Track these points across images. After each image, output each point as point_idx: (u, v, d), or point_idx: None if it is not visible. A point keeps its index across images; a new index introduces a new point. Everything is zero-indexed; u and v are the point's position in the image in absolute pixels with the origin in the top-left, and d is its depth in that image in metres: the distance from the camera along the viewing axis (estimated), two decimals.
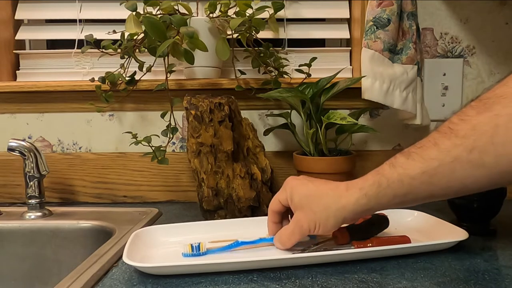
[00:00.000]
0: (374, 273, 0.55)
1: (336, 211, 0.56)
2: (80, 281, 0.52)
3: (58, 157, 0.96)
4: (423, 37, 0.94)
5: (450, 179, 0.50)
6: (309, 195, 0.58)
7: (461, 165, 0.48)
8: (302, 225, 0.58)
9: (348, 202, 0.55)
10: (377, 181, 0.54)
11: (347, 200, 0.55)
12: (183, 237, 0.68)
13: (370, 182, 0.55)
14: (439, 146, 0.50)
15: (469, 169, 0.48)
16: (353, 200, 0.55)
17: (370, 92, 0.84)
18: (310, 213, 0.57)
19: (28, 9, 1.01)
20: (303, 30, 1.00)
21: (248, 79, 0.91)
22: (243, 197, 0.76)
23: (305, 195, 0.58)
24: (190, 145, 0.78)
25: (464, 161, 0.48)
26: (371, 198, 0.54)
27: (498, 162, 0.47)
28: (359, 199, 0.55)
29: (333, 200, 0.56)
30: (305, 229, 0.58)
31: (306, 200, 0.58)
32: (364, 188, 0.55)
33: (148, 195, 0.95)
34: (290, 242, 0.60)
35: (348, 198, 0.56)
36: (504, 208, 0.71)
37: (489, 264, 0.57)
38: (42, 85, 0.93)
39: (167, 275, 0.55)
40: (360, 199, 0.55)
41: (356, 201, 0.55)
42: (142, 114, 0.96)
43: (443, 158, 0.49)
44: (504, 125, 0.45)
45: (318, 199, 0.57)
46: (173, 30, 0.82)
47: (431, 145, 0.51)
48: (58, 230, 0.80)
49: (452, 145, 0.49)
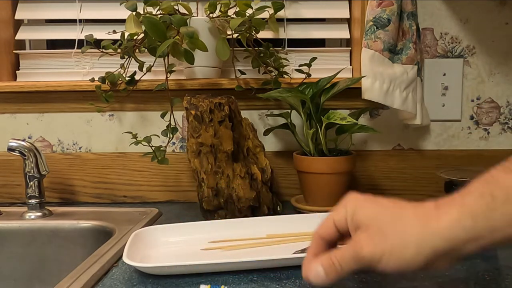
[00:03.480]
0: (374, 273, 0.55)
1: (420, 238, 0.37)
2: (80, 281, 0.52)
3: (58, 157, 0.96)
4: (423, 37, 0.94)
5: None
6: (381, 213, 0.40)
7: None
8: (361, 248, 0.39)
9: (441, 224, 0.37)
10: (489, 193, 0.36)
11: (439, 222, 0.37)
12: (183, 237, 0.68)
13: (476, 194, 0.37)
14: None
15: None
16: (450, 221, 0.37)
17: (370, 92, 0.84)
18: (378, 235, 0.39)
19: (28, 9, 1.01)
20: (303, 30, 1.00)
21: (248, 79, 0.91)
22: (243, 197, 0.76)
23: (374, 212, 0.41)
24: (190, 145, 0.78)
25: None
26: (480, 217, 0.36)
27: None
28: (461, 220, 0.37)
29: (416, 222, 0.38)
30: (365, 255, 0.39)
31: (375, 219, 0.40)
32: (466, 204, 0.37)
33: (148, 195, 0.95)
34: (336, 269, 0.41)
35: (442, 218, 0.37)
36: None
37: (489, 264, 0.57)
38: (42, 85, 0.93)
39: (167, 275, 0.55)
40: (462, 220, 0.37)
41: (457, 223, 0.37)
42: (142, 114, 0.96)
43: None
44: None
45: (394, 219, 0.39)
46: (173, 30, 0.82)
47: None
48: (58, 230, 0.80)
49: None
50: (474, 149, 0.95)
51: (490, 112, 0.95)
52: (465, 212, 0.37)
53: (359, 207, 0.42)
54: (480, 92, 0.95)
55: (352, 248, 0.40)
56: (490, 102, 0.95)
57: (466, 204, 0.37)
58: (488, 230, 0.36)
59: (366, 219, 0.41)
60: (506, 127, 0.95)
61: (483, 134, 0.96)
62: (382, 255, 0.38)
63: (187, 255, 0.63)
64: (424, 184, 0.94)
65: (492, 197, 0.36)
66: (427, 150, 0.96)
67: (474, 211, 0.36)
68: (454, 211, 0.37)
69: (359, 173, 0.94)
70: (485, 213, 0.36)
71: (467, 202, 0.37)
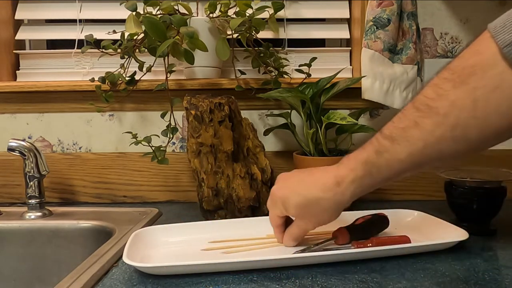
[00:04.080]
0: (374, 273, 0.55)
1: (335, 209, 0.58)
2: (80, 281, 0.52)
3: (58, 157, 0.96)
4: (423, 37, 0.94)
5: (437, 155, 0.50)
6: (304, 205, 0.58)
7: (446, 143, 0.48)
8: (304, 226, 0.61)
9: (344, 197, 0.56)
10: (368, 171, 0.54)
11: (343, 196, 0.56)
12: (183, 237, 0.68)
13: (361, 173, 0.55)
14: (421, 126, 0.49)
15: (454, 145, 0.48)
16: (350, 194, 0.56)
17: (370, 92, 0.84)
18: (312, 218, 0.59)
19: (28, 9, 1.01)
20: (303, 30, 1.00)
21: (248, 79, 0.91)
22: (243, 197, 0.76)
23: (299, 205, 0.58)
24: (190, 145, 0.78)
25: (449, 139, 0.48)
26: (365, 187, 0.56)
27: (482, 135, 0.47)
28: (355, 191, 0.56)
29: (329, 202, 0.57)
30: (309, 227, 0.61)
31: (303, 210, 0.59)
32: (356, 180, 0.55)
33: (148, 195, 0.95)
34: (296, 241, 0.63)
35: (344, 193, 0.56)
36: (504, 208, 0.71)
37: (489, 264, 0.57)
38: (42, 85, 0.93)
39: (167, 275, 0.55)
40: (355, 190, 0.56)
41: (353, 194, 0.56)
42: (142, 114, 0.96)
43: (427, 138, 0.49)
44: (483, 98, 0.45)
45: (315, 205, 0.58)
46: (173, 30, 0.82)
47: (412, 125, 0.50)
48: (58, 230, 0.80)
49: (434, 125, 0.48)
50: None
51: None
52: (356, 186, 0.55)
53: (286, 203, 0.59)
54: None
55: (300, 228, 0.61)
56: None
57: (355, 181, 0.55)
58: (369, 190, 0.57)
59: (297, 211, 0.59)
60: None
61: None
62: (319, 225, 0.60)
63: (187, 255, 0.63)
64: (424, 184, 0.94)
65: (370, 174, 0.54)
66: None
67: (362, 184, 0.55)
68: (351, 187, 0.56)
69: None
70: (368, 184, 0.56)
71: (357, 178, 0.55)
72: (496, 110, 0.45)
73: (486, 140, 0.48)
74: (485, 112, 0.45)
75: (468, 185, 0.71)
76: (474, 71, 0.45)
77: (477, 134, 0.47)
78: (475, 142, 0.48)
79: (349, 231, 0.63)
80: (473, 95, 0.45)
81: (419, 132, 0.49)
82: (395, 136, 0.52)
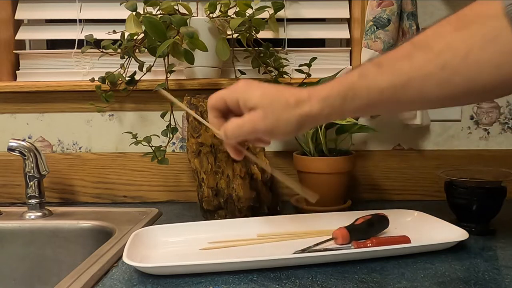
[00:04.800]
0: (374, 273, 0.55)
1: (298, 116, 0.52)
2: (80, 281, 0.52)
3: (58, 157, 0.96)
4: None
5: (417, 94, 0.49)
6: (270, 94, 0.53)
7: (430, 82, 0.48)
8: (256, 120, 0.53)
9: (312, 110, 0.52)
10: (344, 92, 0.51)
11: (311, 108, 0.52)
12: (183, 237, 0.68)
13: (336, 92, 0.51)
14: (413, 59, 0.48)
15: (437, 86, 0.48)
16: (317, 109, 0.52)
17: None
18: (269, 111, 0.52)
19: (28, 9, 1.01)
20: (303, 30, 1.00)
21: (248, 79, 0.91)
22: (243, 197, 0.76)
23: (265, 93, 0.53)
24: (190, 145, 0.78)
25: (434, 78, 0.47)
26: (336, 109, 0.52)
27: (467, 82, 0.47)
28: (324, 109, 0.52)
29: (296, 104, 0.52)
30: (259, 125, 0.53)
31: (266, 99, 0.53)
32: (329, 98, 0.52)
33: (148, 195, 0.95)
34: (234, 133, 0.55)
35: (312, 105, 0.52)
36: (504, 208, 0.71)
37: (489, 264, 0.57)
38: (42, 85, 0.93)
39: (167, 275, 0.55)
40: (325, 108, 0.52)
41: (320, 110, 0.52)
42: (142, 114, 0.96)
43: (414, 72, 0.48)
44: (478, 46, 0.45)
45: (280, 98, 0.52)
46: (173, 30, 0.82)
47: (404, 56, 0.49)
48: (58, 230, 0.80)
49: (425, 60, 0.47)
50: (474, 149, 0.95)
51: (490, 112, 0.95)
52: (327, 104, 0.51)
53: (250, 91, 0.54)
54: None
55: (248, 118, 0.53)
56: (490, 102, 0.95)
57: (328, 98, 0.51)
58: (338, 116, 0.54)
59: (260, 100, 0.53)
60: (506, 127, 0.95)
61: (483, 134, 0.96)
62: (272, 125, 0.52)
63: (187, 255, 0.63)
64: (424, 184, 0.94)
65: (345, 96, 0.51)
66: (427, 150, 0.96)
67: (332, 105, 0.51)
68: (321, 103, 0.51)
69: (359, 173, 0.94)
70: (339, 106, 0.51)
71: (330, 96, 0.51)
72: (488, 62, 0.45)
73: (468, 93, 0.48)
74: (476, 61, 0.45)
75: (468, 185, 0.71)
76: (476, 20, 0.46)
77: (462, 82, 0.47)
78: (458, 92, 0.48)
79: (349, 231, 0.63)
80: (470, 40, 0.45)
81: (408, 65, 0.48)
82: (384, 64, 0.50)
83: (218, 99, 0.57)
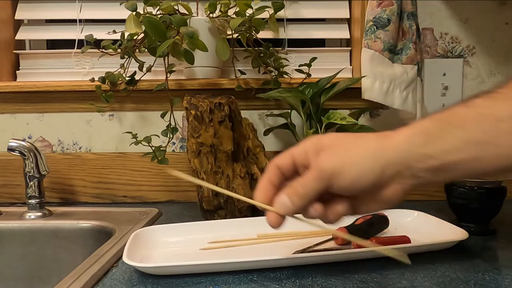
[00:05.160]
0: (374, 273, 0.55)
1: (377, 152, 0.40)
2: (80, 281, 0.52)
3: (58, 157, 0.96)
4: (423, 37, 0.94)
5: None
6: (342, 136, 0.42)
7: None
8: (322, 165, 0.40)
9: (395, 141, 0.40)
10: (444, 118, 0.39)
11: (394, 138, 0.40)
12: (183, 237, 0.68)
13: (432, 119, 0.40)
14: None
15: None
16: (404, 136, 0.40)
17: (370, 92, 0.84)
18: (340, 151, 0.41)
19: (28, 9, 1.01)
20: (303, 30, 1.00)
21: (248, 79, 0.91)
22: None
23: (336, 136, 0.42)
24: (190, 145, 0.78)
25: None
26: (433, 137, 0.38)
27: None
28: (413, 136, 0.39)
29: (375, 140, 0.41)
30: (326, 167, 0.40)
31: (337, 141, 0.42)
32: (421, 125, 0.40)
33: (148, 195, 0.95)
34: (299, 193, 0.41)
35: (397, 134, 0.40)
36: (504, 208, 0.71)
37: (489, 264, 0.57)
38: (42, 85, 0.93)
39: (167, 275, 0.55)
40: (415, 136, 0.39)
41: (408, 139, 0.39)
42: (142, 114, 0.96)
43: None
44: None
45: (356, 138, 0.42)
46: (173, 30, 0.82)
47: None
48: (58, 230, 0.80)
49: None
50: None
51: None
52: (419, 131, 0.39)
53: (322, 137, 0.43)
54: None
55: (315, 167, 0.40)
56: None
57: (421, 125, 0.40)
58: (439, 150, 0.38)
59: (329, 142, 0.42)
60: None
61: None
62: (342, 168, 0.39)
63: (187, 255, 0.63)
64: None
65: (447, 123, 0.38)
66: None
67: (427, 131, 0.39)
68: (410, 130, 0.40)
69: None
70: (437, 133, 0.38)
71: (423, 124, 0.40)
72: None
73: None
74: None
75: (468, 185, 0.71)
76: None
77: None
78: None
79: (349, 231, 0.63)
80: None
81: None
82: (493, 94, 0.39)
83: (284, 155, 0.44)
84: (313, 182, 0.40)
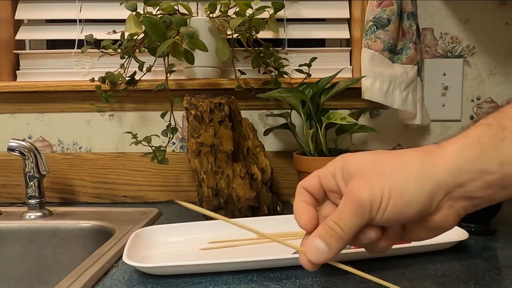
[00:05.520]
0: (374, 273, 0.55)
1: (422, 174, 0.33)
2: (80, 281, 0.52)
3: (58, 157, 0.95)
4: (423, 37, 0.94)
5: None
6: (375, 157, 0.36)
7: None
8: (359, 194, 0.34)
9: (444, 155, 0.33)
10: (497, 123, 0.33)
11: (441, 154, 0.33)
12: (183, 237, 0.68)
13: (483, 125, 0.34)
14: None
15: None
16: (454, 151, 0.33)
17: (370, 92, 0.84)
18: (375, 176, 0.34)
19: (28, 9, 1.01)
20: (303, 30, 1.00)
21: (248, 79, 0.91)
22: (243, 197, 0.76)
23: (367, 158, 0.36)
24: (190, 145, 0.78)
25: None
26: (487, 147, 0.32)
27: None
28: (466, 149, 0.33)
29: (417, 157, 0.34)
30: (364, 199, 0.34)
31: (369, 164, 0.35)
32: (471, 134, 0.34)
33: (148, 195, 0.95)
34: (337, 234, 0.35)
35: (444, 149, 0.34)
36: (504, 208, 0.71)
37: (489, 264, 0.57)
38: (42, 85, 0.93)
39: (167, 275, 0.55)
40: (466, 149, 0.33)
41: (461, 152, 0.33)
42: (142, 114, 0.96)
43: None
44: None
45: (391, 158, 0.35)
46: (173, 30, 0.82)
47: None
48: (58, 230, 0.80)
49: None
50: None
51: (490, 112, 0.94)
52: (471, 141, 0.32)
53: (349, 159, 0.37)
54: (480, 92, 0.95)
55: (349, 199, 0.34)
56: (490, 102, 0.95)
57: (472, 135, 0.33)
58: (497, 162, 0.32)
59: (358, 166, 0.35)
60: None
61: None
62: (383, 196, 0.33)
63: (187, 255, 0.63)
64: None
65: (502, 127, 0.32)
66: None
67: (481, 140, 0.32)
68: (459, 142, 0.33)
69: None
70: (493, 141, 0.32)
71: (473, 133, 0.33)
72: None
73: None
74: None
75: None
76: None
77: None
78: None
79: None
80: None
81: None
82: None
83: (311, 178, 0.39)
84: (352, 219, 0.34)
